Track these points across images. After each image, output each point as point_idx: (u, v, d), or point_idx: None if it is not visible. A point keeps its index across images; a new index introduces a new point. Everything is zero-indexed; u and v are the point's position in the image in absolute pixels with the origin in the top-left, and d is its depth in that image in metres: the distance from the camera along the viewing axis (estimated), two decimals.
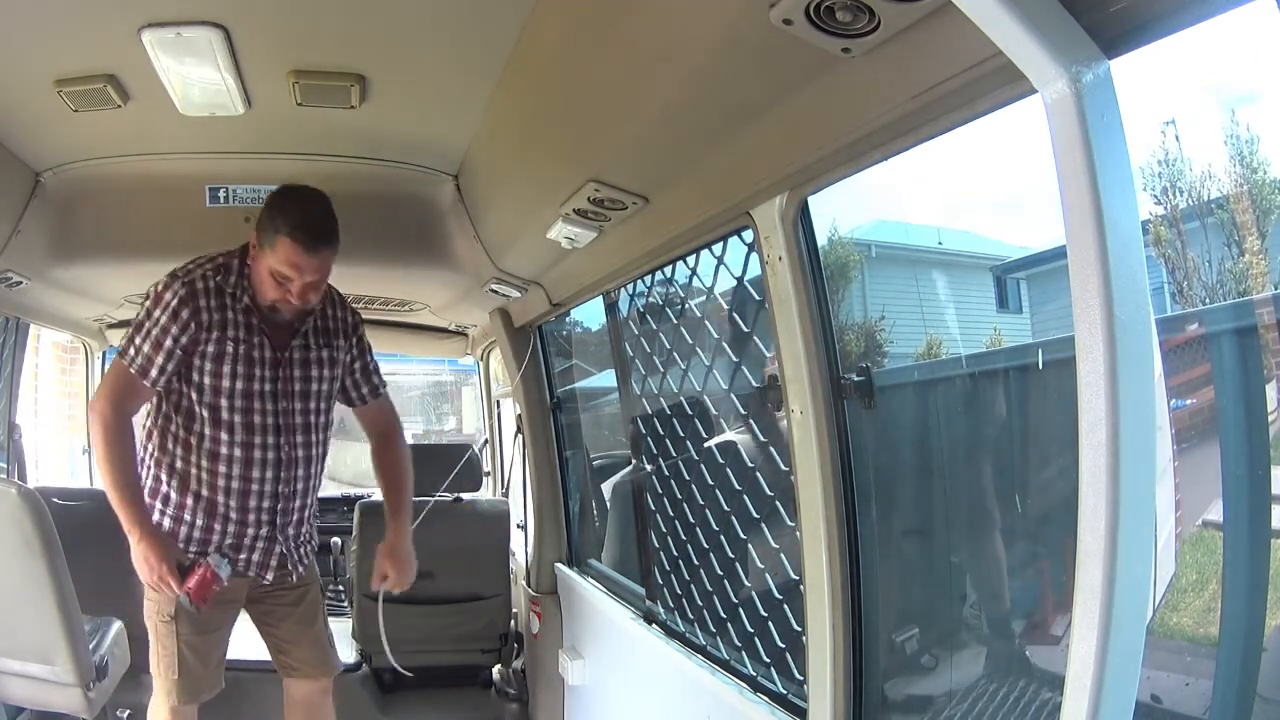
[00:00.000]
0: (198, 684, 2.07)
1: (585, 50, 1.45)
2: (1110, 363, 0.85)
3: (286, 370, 2.04)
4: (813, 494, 1.50)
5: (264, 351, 2.01)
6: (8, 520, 2.14)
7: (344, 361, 2.16)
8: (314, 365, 2.09)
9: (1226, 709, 1.20)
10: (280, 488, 2.06)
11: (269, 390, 2.02)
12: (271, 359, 2.02)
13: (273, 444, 2.03)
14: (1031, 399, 1.50)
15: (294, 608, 2.22)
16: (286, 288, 1.93)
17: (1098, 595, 0.88)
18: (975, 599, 1.59)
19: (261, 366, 2.00)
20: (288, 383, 2.04)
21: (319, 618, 2.28)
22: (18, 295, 2.66)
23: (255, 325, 2.00)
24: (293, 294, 1.93)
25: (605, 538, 2.92)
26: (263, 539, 2.08)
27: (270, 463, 2.04)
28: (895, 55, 1.03)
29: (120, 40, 1.59)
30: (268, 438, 2.02)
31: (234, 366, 1.98)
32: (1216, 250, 1.57)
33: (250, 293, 1.99)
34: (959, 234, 3.57)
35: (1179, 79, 1.31)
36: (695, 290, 2.08)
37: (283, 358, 2.03)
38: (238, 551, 2.06)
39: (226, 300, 1.98)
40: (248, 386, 1.99)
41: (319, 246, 1.90)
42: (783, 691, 1.73)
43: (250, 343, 2.00)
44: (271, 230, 1.90)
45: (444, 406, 8.44)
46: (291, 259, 1.89)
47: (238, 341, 1.98)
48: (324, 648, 2.28)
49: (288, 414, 2.04)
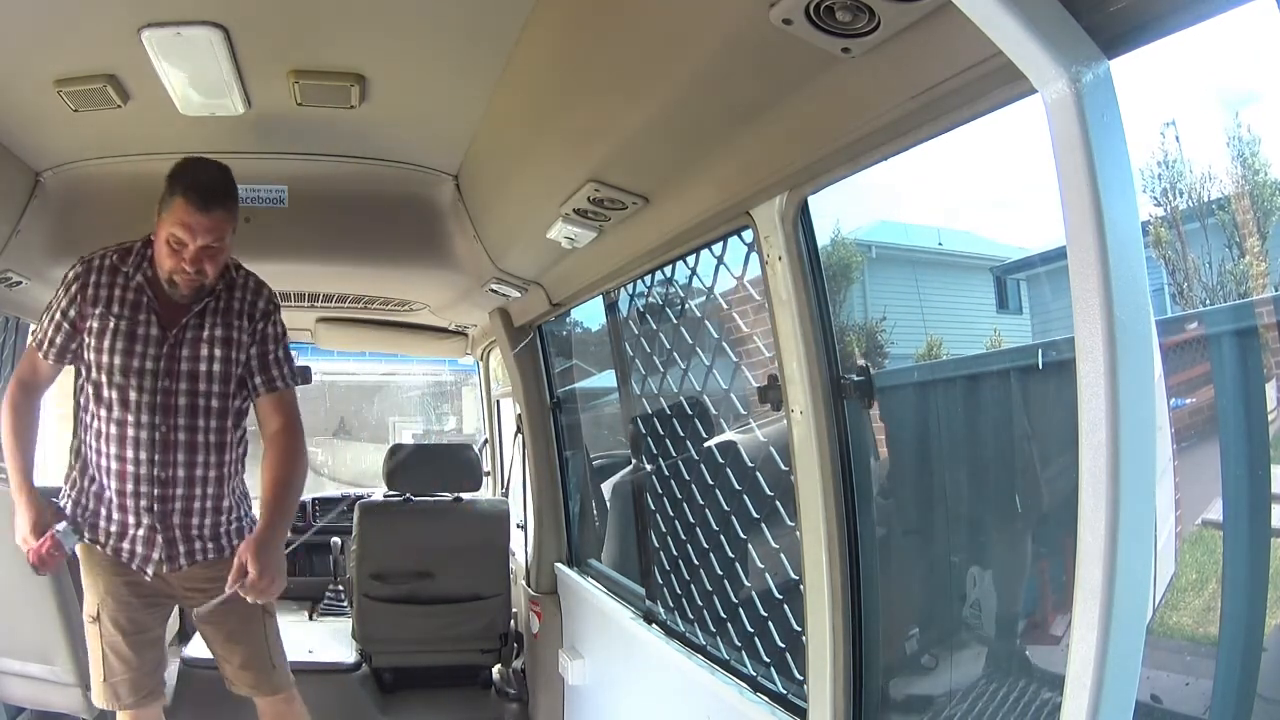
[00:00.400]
0: (121, 688, 2.02)
1: (585, 50, 1.45)
2: (1110, 363, 0.85)
3: (175, 349, 1.97)
4: (813, 494, 1.50)
5: (150, 329, 1.96)
6: (8, 520, 2.14)
7: (244, 344, 2.05)
8: (205, 344, 1.99)
9: (1226, 709, 1.20)
10: (158, 471, 1.96)
11: (150, 368, 1.95)
12: (158, 336, 1.96)
13: (148, 423, 1.95)
14: (1031, 399, 1.50)
15: (221, 624, 2.09)
16: (182, 255, 1.88)
17: (1098, 595, 0.88)
18: (975, 599, 1.59)
19: (145, 344, 1.96)
20: (173, 361, 1.97)
21: (255, 635, 2.12)
22: (18, 295, 2.66)
23: (145, 303, 1.97)
24: (187, 261, 1.88)
25: (605, 537, 2.92)
26: (144, 528, 1.98)
27: (144, 442, 1.95)
28: (895, 55, 1.03)
29: (120, 40, 1.59)
30: (142, 415, 1.95)
31: (113, 341, 1.95)
32: (1217, 251, 1.57)
33: (146, 271, 1.97)
34: (959, 234, 3.57)
35: (1179, 79, 1.30)
36: (695, 290, 2.08)
37: (170, 336, 1.97)
38: (121, 539, 1.99)
39: (119, 278, 1.97)
40: (126, 362, 1.94)
41: (211, 205, 1.86)
42: (783, 691, 1.73)
43: (135, 319, 1.96)
44: (168, 195, 1.88)
45: (444, 406, 8.44)
46: (184, 219, 1.85)
47: (120, 317, 1.95)
48: (261, 668, 2.13)
49: (169, 393, 1.96)
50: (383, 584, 3.02)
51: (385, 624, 3.03)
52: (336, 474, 6.26)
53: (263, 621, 2.13)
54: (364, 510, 3.10)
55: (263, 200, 2.38)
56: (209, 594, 2.04)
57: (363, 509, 3.11)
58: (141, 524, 1.98)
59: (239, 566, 1.90)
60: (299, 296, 3.25)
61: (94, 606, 2.02)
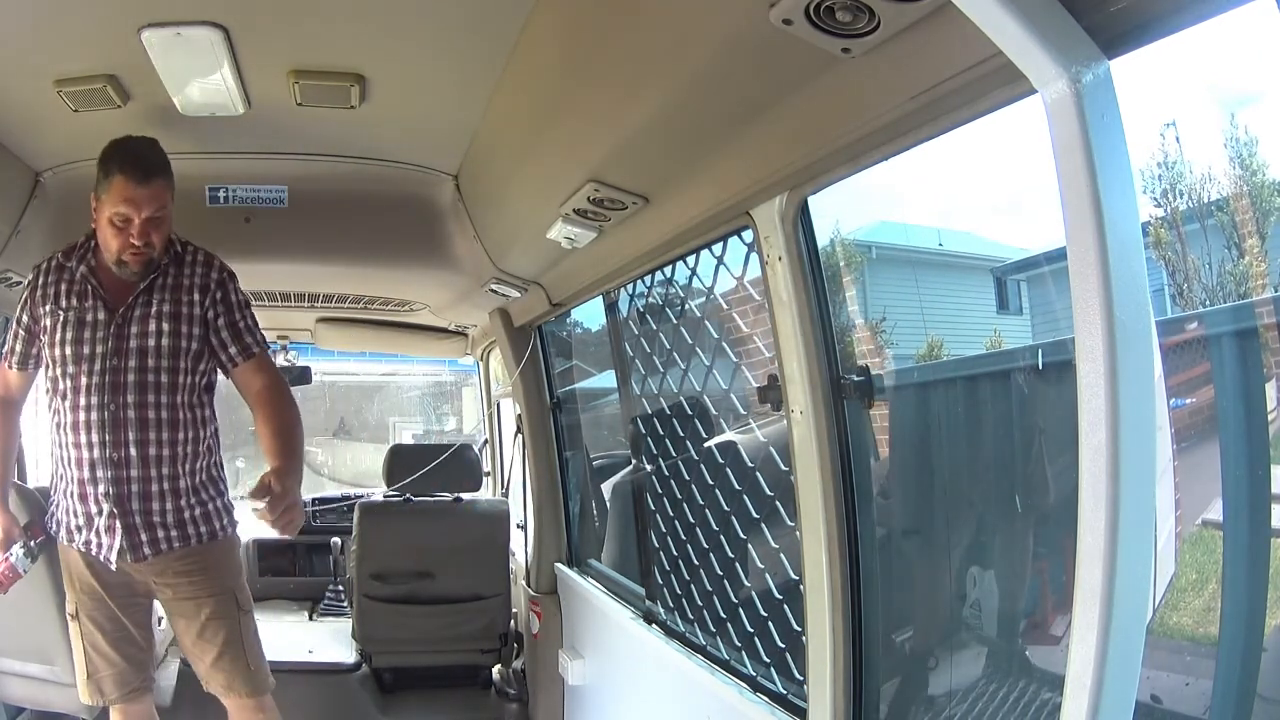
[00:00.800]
0: (104, 684, 2.03)
1: (585, 50, 1.45)
2: (1110, 364, 0.85)
3: (123, 328, 1.98)
4: (813, 494, 1.50)
5: (97, 314, 1.98)
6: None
7: (201, 319, 2.03)
8: (154, 320, 1.99)
9: (1226, 709, 1.20)
10: (110, 452, 1.95)
11: (99, 351, 1.97)
12: (105, 319, 1.98)
13: (97, 403, 1.95)
14: (1032, 400, 1.50)
15: (192, 620, 2.06)
16: (128, 232, 1.90)
17: (1098, 595, 0.88)
18: (975, 599, 1.59)
19: (93, 328, 1.98)
20: (121, 340, 1.97)
21: (228, 633, 2.07)
22: (18, 295, 2.66)
23: (90, 290, 1.99)
24: (134, 234, 1.90)
25: (605, 538, 2.92)
26: (104, 515, 1.96)
27: (95, 424, 1.95)
28: (895, 55, 1.03)
29: (120, 40, 1.59)
30: (91, 397, 1.95)
31: (64, 333, 1.97)
32: (1217, 252, 1.57)
33: (90, 261, 2.00)
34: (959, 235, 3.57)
35: (1179, 80, 1.30)
36: (695, 290, 2.08)
37: (118, 316, 1.98)
38: (87, 531, 1.98)
39: (64, 274, 2.01)
40: (76, 350, 1.97)
41: (150, 177, 1.88)
42: (783, 691, 1.73)
43: (83, 308, 1.98)
44: (104, 177, 1.89)
45: (444, 407, 8.44)
46: (125, 194, 1.87)
47: (69, 309, 1.98)
48: (235, 669, 2.08)
49: (118, 371, 1.96)
50: (383, 584, 3.02)
51: (385, 624, 3.03)
52: (336, 474, 6.26)
53: (238, 619, 2.09)
54: (364, 510, 3.10)
55: (263, 200, 2.38)
56: (181, 589, 2.04)
57: (363, 509, 3.11)
58: (102, 511, 1.97)
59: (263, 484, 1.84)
60: (299, 296, 3.25)
61: (72, 604, 2.04)
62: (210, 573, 2.07)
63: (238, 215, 2.37)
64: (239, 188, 2.36)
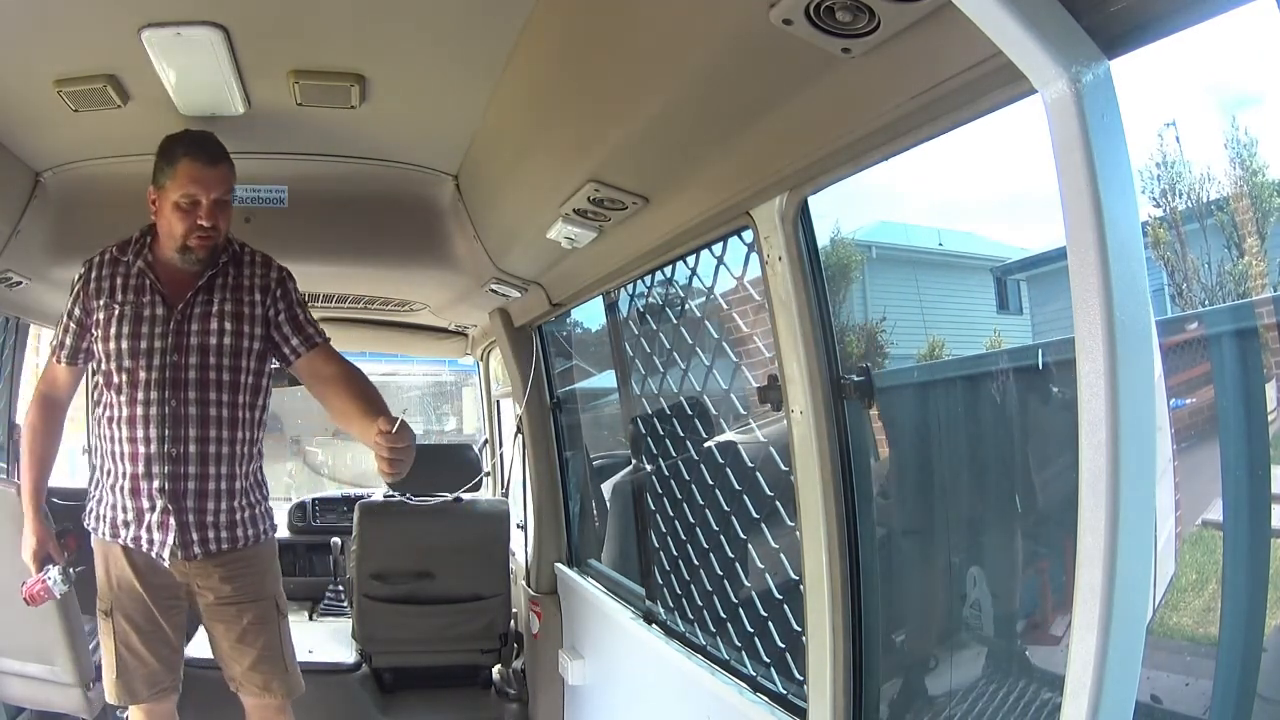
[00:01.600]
0: (133, 684, 2.01)
1: (585, 50, 1.45)
2: (1110, 363, 0.85)
3: (183, 325, 1.97)
4: (813, 494, 1.50)
5: (155, 309, 1.97)
6: (8, 520, 2.14)
7: (263, 318, 2.04)
8: (215, 318, 1.99)
9: (1226, 709, 1.20)
10: (168, 448, 1.93)
11: (158, 346, 1.95)
12: (164, 315, 1.97)
13: (157, 399, 1.93)
14: (1032, 400, 1.50)
15: (235, 623, 2.06)
16: (195, 214, 1.90)
17: (1098, 595, 0.88)
18: (975, 599, 1.59)
19: (152, 324, 1.96)
20: (182, 336, 1.96)
21: (268, 636, 2.08)
22: (18, 295, 2.66)
23: (149, 285, 1.98)
24: (202, 216, 1.90)
25: (605, 538, 2.92)
26: (158, 510, 1.95)
27: (154, 419, 1.93)
28: (895, 55, 1.03)
29: (120, 40, 1.59)
30: (151, 392, 1.94)
31: (120, 327, 1.96)
32: (1216, 252, 1.57)
33: (147, 255, 1.99)
34: (959, 235, 3.57)
35: (1179, 80, 1.31)
36: (695, 290, 2.08)
37: (177, 313, 1.97)
38: (138, 527, 1.97)
39: (119, 268, 2.00)
40: (134, 344, 1.95)
41: (218, 160, 1.90)
42: (783, 691, 1.73)
43: (140, 302, 1.97)
44: (167, 165, 1.89)
45: (444, 407, 8.44)
46: (193, 175, 1.87)
47: (125, 303, 1.97)
48: (274, 671, 2.09)
49: (178, 368, 1.95)
50: (383, 584, 3.02)
51: (385, 624, 3.03)
52: (336, 474, 6.25)
53: (278, 624, 2.11)
54: (364, 510, 3.10)
55: (263, 200, 2.38)
56: (224, 592, 2.03)
57: (363, 509, 3.10)
58: (155, 507, 1.95)
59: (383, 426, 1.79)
60: None
61: (106, 602, 2.01)
62: (253, 577, 2.07)
63: (238, 215, 2.35)
64: (239, 188, 2.34)
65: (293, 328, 2.07)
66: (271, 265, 2.09)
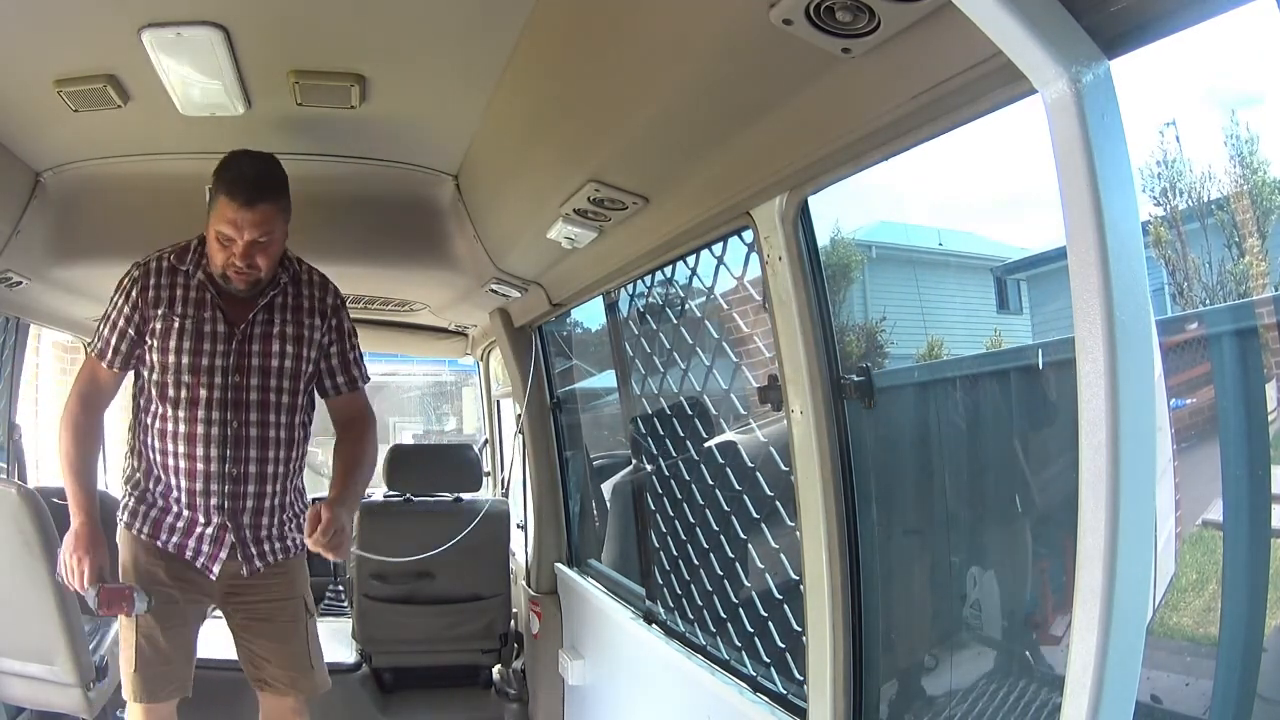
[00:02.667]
0: (154, 681, 1.97)
1: (585, 50, 1.45)
2: (1110, 363, 0.85)
3: (244, 345, 1.96)
4: (813, 494, 1.50)
5: (217, 326, 1.94)
6: (8, 520, 2.14)
7: (319, 343, 2.04)
8: (276, 340, 1.98)
9: (1226, 709, 1.20)
10: (229, 468, 1.94)
11: (220, 365, 1.93)
12: (225, 333, 1.94)
13: (218, 419, 1.93)
14: (1032, 400, 1.50)
15: (267, 622, 2.07)
16: (231, 250, 1.86)
17: (1098, 595, 0.88)
18: (975, 599, 1.59)
19: (214, 341, 1.94)
20: (244, 357, 1.95)
21: (298, 635, 2.11)
22: (18, 295, 2.66)
23: (209, 300, 1.95)
24: (237, 256, 1.86)
25: (605, 538, 2.92)
26: (214, 526, 1.96)
27: (216, 439, 1.93)
28: (895, 55, 1.03)
29: (120, 40, 1.59)
30: (213, 412, 1.93)
31: (180, 341, 1.92)
32: (1217, 252, 1.57)
33: (206, 267, 1.95)
34: (959, 235, 3.57)
35: (1179, 80, 1.31)
36: (695, 290, 2.08)
37: (239, 332, 1.95)
38: (187, 536, 1.96)
39: (179, 278, 1.95)
40: (195, 361, 1.92)
41: (256, 200, 1.83)
42: (783, 691, 1.73)
43: (201, 317, 1.94)
44: (212, 194, 1.86)
45: (444, 407, 8.45)
46: (229, 215, 1.83)
47: (185, 316, 1.93)
48: (301, 668, 2.11)
49: (240, 389, 1.95)
50: (383, 584, 3.02)
51: (385, 624, 3.03)
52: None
53: (306, 623, 2.12)
54: (364, 510, 3.10)
55: None
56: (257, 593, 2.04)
57: (363, 509, 3.10)
58: (211, 522, 1.96)
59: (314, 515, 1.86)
60: None
61: None
62: (287, 578, 2.09)
63: None
64: None
65: (341, 363, 2.09)
66: (329, 289, 2.09)
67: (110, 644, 2.44)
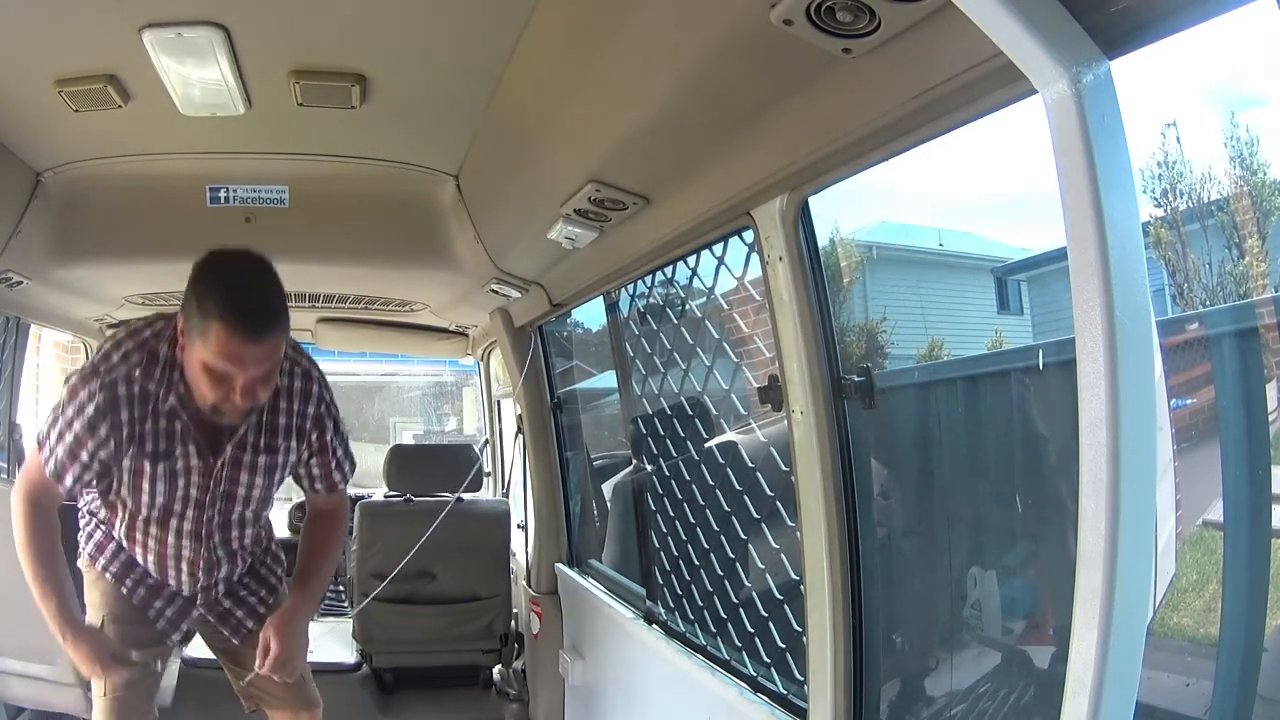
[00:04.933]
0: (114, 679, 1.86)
1: (585, 50, 1.45)
2: (1110, 364, 0.85)
3: (220, 474, 1.80)
4: (813, 494, 1.50)
5: (190, 460, 1.75)
6: (8, 520, 2.14)
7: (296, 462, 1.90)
8: (246, 471, 1.80)
9: (1226, 709, 1.20)
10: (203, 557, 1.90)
11: (195, 497, 1.81)
12: (200, 467, 1.76)
13: (190, 544, 1.88)
14: (1032, 400, 1.50)
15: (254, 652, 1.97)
16: (228, 386, 1.57)
17: (1098, 595, 0.88)
18: (976, 599, 1.59)
19: (187, 476, 1.76)
20: (219, 486, 1.81)
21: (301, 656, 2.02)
22: (18, 295, 2.66)
23: (179, 432, 1.71)
24: (236, 393, 1.57)
25: (605, 538, 2.92)
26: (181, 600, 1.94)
27: (188, 553, 1.89)
28: (896, 55, 1.03)
29: (121, 40, 1.59)
30: (184, 540, 1.87)
31: (154, 484, 1.74)
32: (1217, 252, 1.57)
33: (179, 387, 1.67)
34: (959, 235, 3.57)
35: (1179, 80, 1.31)
36: (696, 290, 2.08)
37: (214, 465, 1.78)
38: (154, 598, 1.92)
39: (148, 406, 1.68)
40: (168, 501, 1.78)
41: (263, 332, 1.53)
42: (783, 691, 1.73)
43: (173, 453, 1.72)
44: (199, 316, 1.53)
45: (444, 407, 8.45)
46: (229, 350, 1.52)
47: (157, 458, 1.71)
48: (298, 691, 2.07)
49: (212, 519, 1.87)
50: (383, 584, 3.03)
51: (386, 624, 3.03)
52: None
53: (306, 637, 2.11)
54: (364, 510, 3.10)
55: (263, 200, 2.38)
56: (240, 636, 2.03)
57: (363, 509, 3.10)
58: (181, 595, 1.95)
59: (264, 643, 1.84)
60: (299, 297, 3.25)
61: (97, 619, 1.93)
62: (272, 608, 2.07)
63: (238, 215, 2.36)
64: (239, 188, 2.36)
65: (321, 471, 1.95)
66: (310, 397, 1.85)
67: None
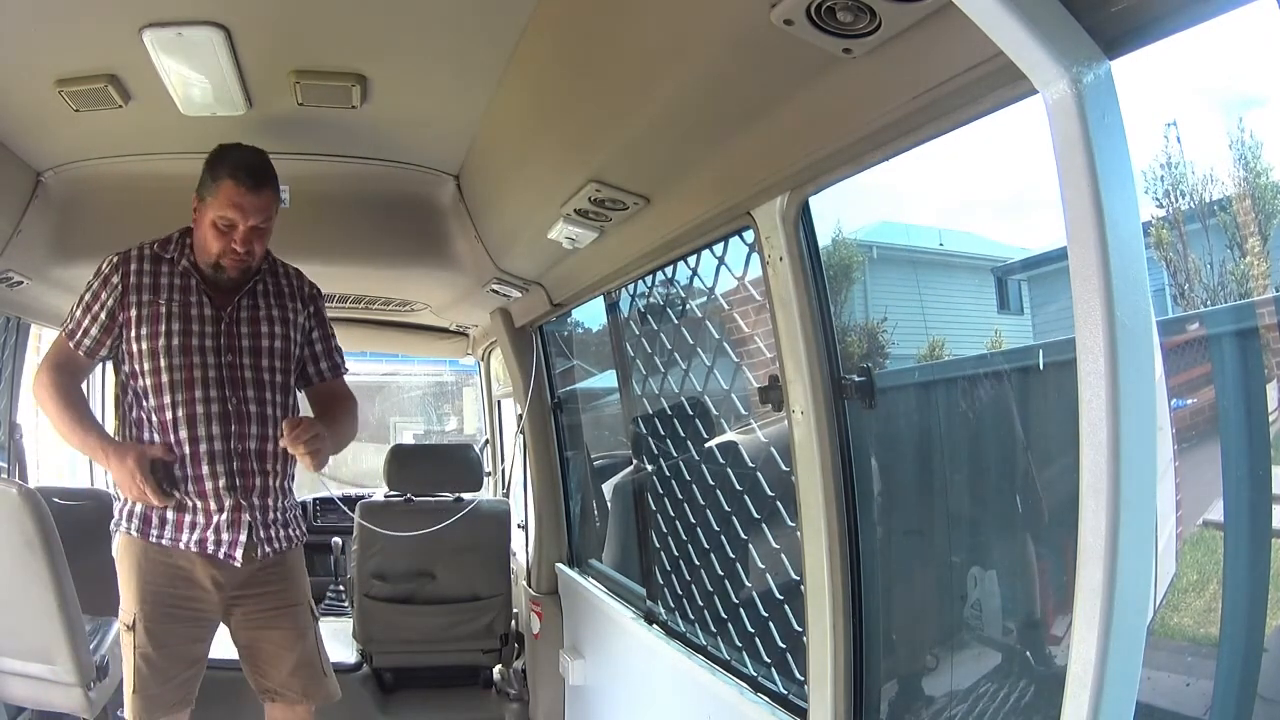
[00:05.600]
0: (152, 703, 1.92)
1: (585, 50, 1.45)
2: (1111, 364, 0.85)
3: (233, 327, 1.98)
4: (813, 494, 1.50)
5: (204, 309, 1.96)
6: (8, 520, 2.15)
7: (302, 326, 2.08)
8: (264, 323, 2.02)
9: (1226, 709, 1.20)
10: (234, 444, 1.93)
11: (210, 345, 1.95)
12: (213, 316, 1.96)
13: (217, 397, 1.93)
14: (1032, 400, 1.50)
15: (274, 630, 2.05)
16: (230, 236, 1.89)
17: (1098, 595, 0.88)
18: (976, 599, 1.59)
19: (201, 323, 1.95)
20: (233, 338, 1.97)
21: (306, 639, 2.08)
22: (18, 295, 2.66)
23: (194, 286, 1.96)
24: (237, 241, 1.89)
25: (606, 538, 2.92)
26: (227, 510, 1.93)
27: (217, 416, 1.92)
28: (896, 55, 1.03)
29: (121, 40, 1.59)
30: (210, 391, 1.93)
31: (168, 324, 1.93)
32: (1218, 252, 1.57)
33: (190, 256, 1.97)
34: (960, 235, 3.57)
35: (1180, 80, 1.31)
36: (696, 290, 2.08)
37: (225, 315, 1.97)
38: (206, 529, 1.93)
39: (162, 265, 1.96)
40: (185, 341, 1.93)
41: (261, 185, 1.88)
42: (783, 691, 1.73)
43: (187, 301, 1.95)
44: (211, 179, 1.89)
45: (445, 407, 8.45)
46: (234, 199, 1.86)
47: (171, 300, 1.94)
48: (311, 674, 2.08)
49: (234, 368, 1.96)
50: (384, 584, 3.03)
51: (386, 624, 3.03)
52: (337, 474, 6.26)
53: (313, 627, 2.11)
54: (364, 511, 3.10)
55: None
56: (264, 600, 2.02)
57: (364, 509, 3.10)
58: (224, 506, 1.93)
59: (293, 420, 1.93)
60: None
61: (130, 615, 1.93)
62: (290, 582, 2.08)
63: None
64: None
65: (324, 348, 2.14)
66: (304, 279, 2.14)
67: (111, 644, 2.44)
